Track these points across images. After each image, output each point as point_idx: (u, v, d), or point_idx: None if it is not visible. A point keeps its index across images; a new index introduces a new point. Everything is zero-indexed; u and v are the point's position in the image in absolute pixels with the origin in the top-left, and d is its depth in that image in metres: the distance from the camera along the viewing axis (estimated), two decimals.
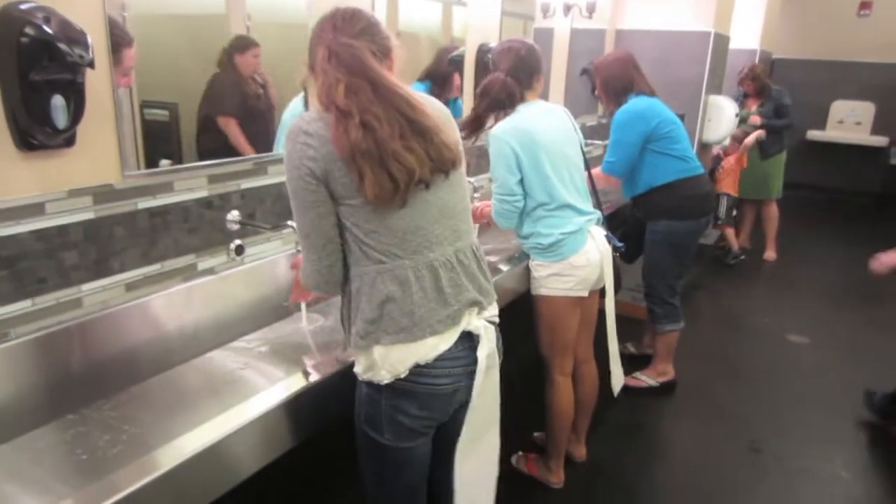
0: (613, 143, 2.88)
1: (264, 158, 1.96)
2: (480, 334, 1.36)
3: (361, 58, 1.22)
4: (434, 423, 1.42)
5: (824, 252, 5.91)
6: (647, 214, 3.01)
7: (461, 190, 1.39)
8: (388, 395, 1.34)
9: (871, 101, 7.67)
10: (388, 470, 1.44)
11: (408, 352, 1.30)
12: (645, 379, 3.18)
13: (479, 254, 1.43)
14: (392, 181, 1.20)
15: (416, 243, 1.29)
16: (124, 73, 1.51)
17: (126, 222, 1.58)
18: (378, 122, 1.19)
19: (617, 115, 2.88)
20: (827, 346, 3.80)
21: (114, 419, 1.34)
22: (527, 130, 2.06)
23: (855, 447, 2.84)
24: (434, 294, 1.31)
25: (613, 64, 2.94)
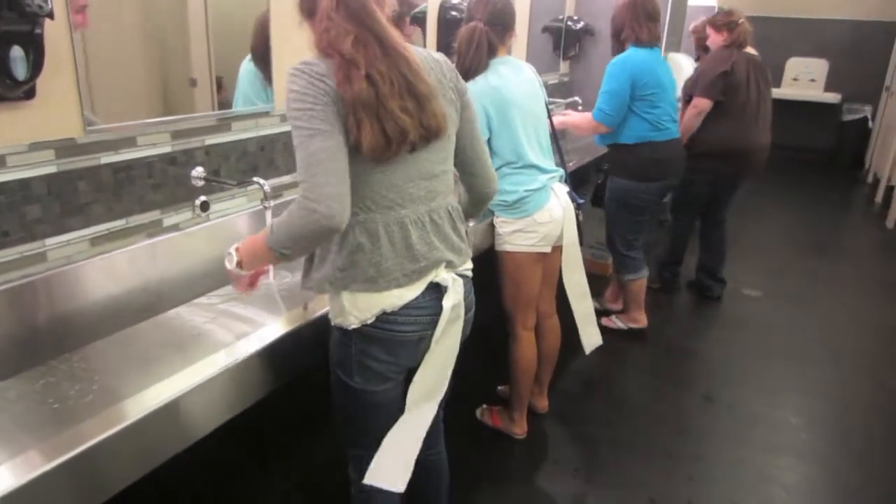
0: (607, 93, 2.88)
1: (228, 115, 1.95)
2: (448, 286, 1.40)
3: (369, 10, 1.23)
4: (402, 369, 1.47)
5: (778, 208, 6.10)
6: (610, 167, 3.11)
7: (443, 153, 1.41)
8: (357, 339, 1.39)
9: (824, 59, 7.84)
10: (358, 412, 1.49)
11: (373, 300, 1.34)
12: (619, 323, 3.36)
13: (455, 215, 1.45)
14: (385, 138, 1.22)
15: (390, 199, 1.32)
16: (78, 9, 1.46)
17: (89, 177, 1.58)
18: (381, 78, 1.21)
19: (610, 64, 2.89)
20: (779, 299, 3.97)
21: (83, 371, 1.35)
22: (498, 89, 2.08)
23: (804, 395, 2.99)
24: (403, 249, 1.34)
25: (617, 9, 2.95)
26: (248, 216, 2.03)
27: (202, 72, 1.90)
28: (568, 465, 2.41)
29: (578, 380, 2.97)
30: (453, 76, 1.43)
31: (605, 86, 2.89)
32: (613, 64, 2.89)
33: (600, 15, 4.54)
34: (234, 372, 1.35)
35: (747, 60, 3.45)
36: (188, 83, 1.89)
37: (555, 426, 2.64)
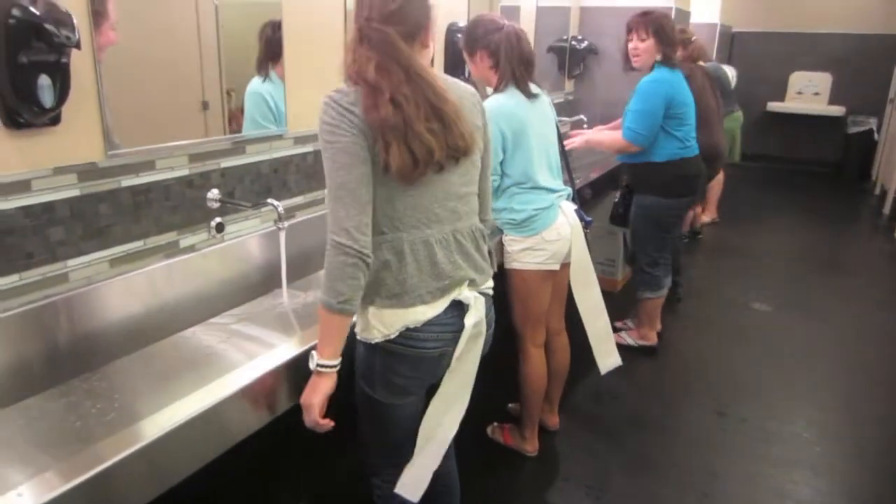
0: (639, 112, 2.88)
1: (243, 138, 2.00)
2: (470, 303, 1.44)
3: (392, 43, 1.28)
4: (424, 384, 1.51)
5: (785, 221, 6.11)
6: (635, 185, 3.11)
7: (468, 175, 1.46)
8: (382, 354, 1.43)
9: (828, 72, 7.88)
10: (380, 424, 1.53)
11: (397, 316, 1.38)
12: (629, 339, 3.35)
13: (478, 235, 1.50)
14: (413, 158, 1.27)
15: (416, 219, 1.37)
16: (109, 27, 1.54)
17: (110, 200, 1.62)
18: (406, 101, 1.26)
19: (643, 84, 2.89)
20: (788, 312, 3.96)
21: (104, 389, 1.38)
22: (514, 112, 2.11)
23: (816, 408, 2.98)
24: (428, 267, 1.38)
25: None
26: (262, 237, 2.06)
27: (214, 95, 1.95)
28: (580, 482, 2.41)
29: (589, 396, 2.97)
30: (479, 107, 1.50)
31: (638, 105, 2.88)
32: (647, 84, 2.88)
33: (603, 34, 4.60)
34: (249, 391, 1.36)
35: (702, 71, 3.60)
36: (201, 106, 1.93)
37: (566, 443, 2.64)
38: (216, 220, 1.93)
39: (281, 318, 1.84)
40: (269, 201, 1.88)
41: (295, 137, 2.19)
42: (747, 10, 7.75)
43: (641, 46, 2.88)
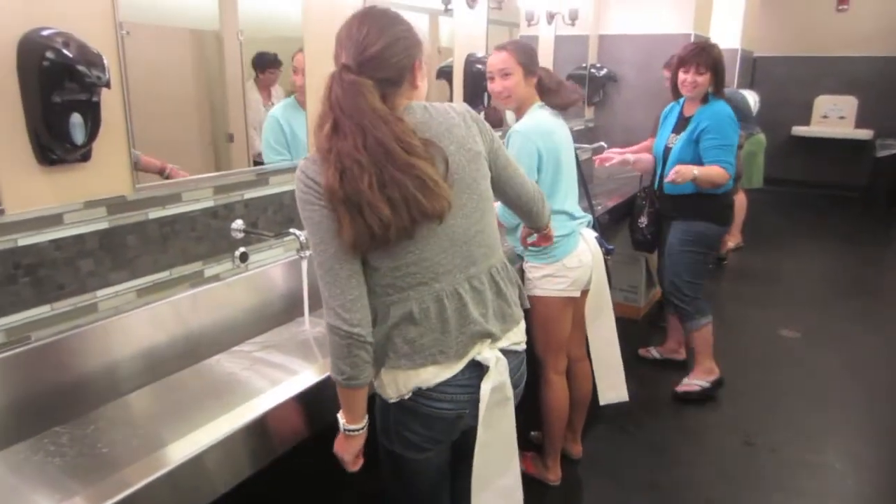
0: (728, 148, 2.86)
1: (266, 170, 2.05)
2: (490, 365, 1.34)
3: (359, 98, 1.18)
4: (440, 442, 1.44)
5: (813, 246, 6.01)
6: (682, 214, 3.03)
7: (476, 213, 1.34)
8: (395, 411, 1.38)
9: (853, 95, 7.80)
10: (402, 476, 1.49)
11: (408, 377, 1.31)
12: (696, 382, 3.18)
13: (498, 276, 1.40)
14: (368, 230, 1.18)
15: (421, 276, 1.28)
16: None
17: (138, 231, 1.67)
18: (359, 170, 1.16)
19: (725, 118, 2.88)
20: (818, 340, 3.88)
21: (130, 416, 1.42)
22: (550, 132, 2.14)
23: (847, 439, 2.90)
24: (438, 325, 1.30)
25: (712, 59, 2.95)
26: (285, 266, 2.09)
27: (239, 127, 2.01)
28: None
29: (612, 424, 2.92)
30: (477, 126, 1.38)
31: (725, 140, 2.85)
32: (730, 118, 2.88)
33: (622, 62, 4.64)
34: (271, 417, 1.39)
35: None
36: (226, 139, 1.99)
37: (589, 472, 2.60)
38: (240, 249, 1.97)
39: (303, 346, 1.87)
40: (291, 231, 1.93)
41: None
42: (769, 34, 7.75)
43: (700, 80, 2.89)
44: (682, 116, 3.03)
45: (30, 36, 1.32)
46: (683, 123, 2.99)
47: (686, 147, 2.92)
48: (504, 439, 1.44)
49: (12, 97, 1.35)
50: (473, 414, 1.37)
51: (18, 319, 1.45)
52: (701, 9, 4.62)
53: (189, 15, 1.79)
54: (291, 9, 2.09)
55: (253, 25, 1.97)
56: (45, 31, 1.32)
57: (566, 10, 4.04)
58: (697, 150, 2.88)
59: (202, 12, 1.83)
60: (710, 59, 2.88)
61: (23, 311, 1.45)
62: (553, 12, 3.99)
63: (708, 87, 2.91)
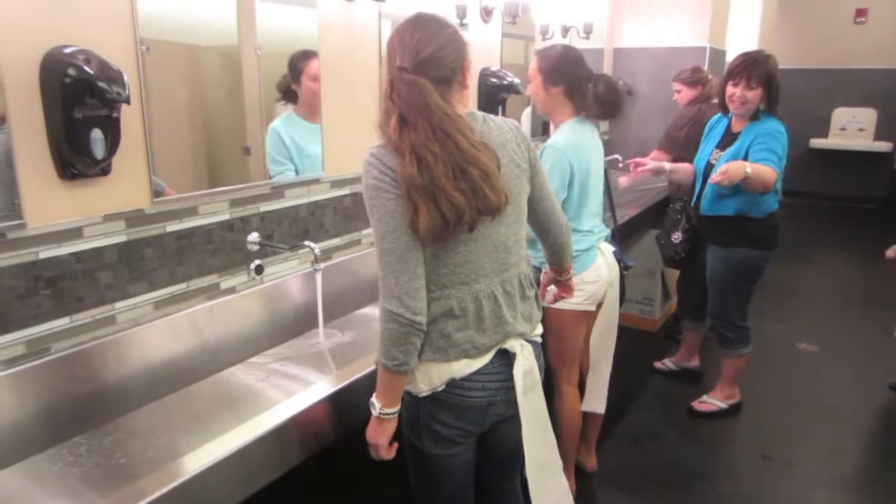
0: (774, 153, 2.59)
1: (282, 183, 2.07)
2: (517, 352, 1.42)
3: (423, 95, 1.24)
4: (471, 434, 1.47)
5: (832, 259, 5.94)
6: (721, 239, 2.85)
7: (516, 224, 1.43)
8: (427, 404, 1.41)
9: (872, 108, 7.73)
10: (429, 474, 1.51)
11: (442, 369, 1.37)
12: (714, 402, 3.13)
13: (525, 282, 1.47)
14: (443, 219, 1.23)
15: (464, 275, 1.35)
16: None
17: (155, 244, 1.69)
18: (434, 159, 1.22)
19: (779, 129, 2.65)
20: (837, 354, 3.83)
21: (147, 428, 1.42)
22: (581, 147, 2.12)
23: (866, 456, 2.87)
24: (475, 323, 1.37)
25: (773, 73, 2.71)
26: (300, 278, 2.11)
27: (255, 140, 2.04)
28: None
29: (628, 437, 2.90)
30: (525, 145, 1.45)
31: (774, 147, 2.59)
32: (780, 132, 2.64)
33: (637, 74, 4.65)
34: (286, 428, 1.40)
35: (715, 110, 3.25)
36: (242, 152, 2.02)
37: (604, 485, 2.58)
38: (255, 262, 1.99)
39: (317, 358, 1.87)
40: (306, 243, 1.94)
41: (331, 181, 2.26)
42: (786, 47, 7.71)
43: (749, 95, 2.64)
44: (730, 132, 2.81)
45: (52, 53, 1.35)
46: (730, 139, 2.77)
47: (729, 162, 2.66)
48: (541, 422, 1.50)
49: (35, 113, 1.38)
50: (504, 399, 1.44)
51: (39, 331, 1.48)
52: (717, 21, 4.61)
53: (208, 31, 1.82)
54: (307, 24, 2.12)
55: (270, 40, 2.00)
56: (67, 49, 1.36)
57: (581, 23, 4.05)
58: None
59: (221, 28, 1.87)
60: (764, 73, 2.62)
61: (43, 322, 1.48)
62: (568, 26, 4.01)
63: (759, 104, 2.67)
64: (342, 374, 1.63)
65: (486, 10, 3.07)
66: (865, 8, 7.63)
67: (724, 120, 2.88)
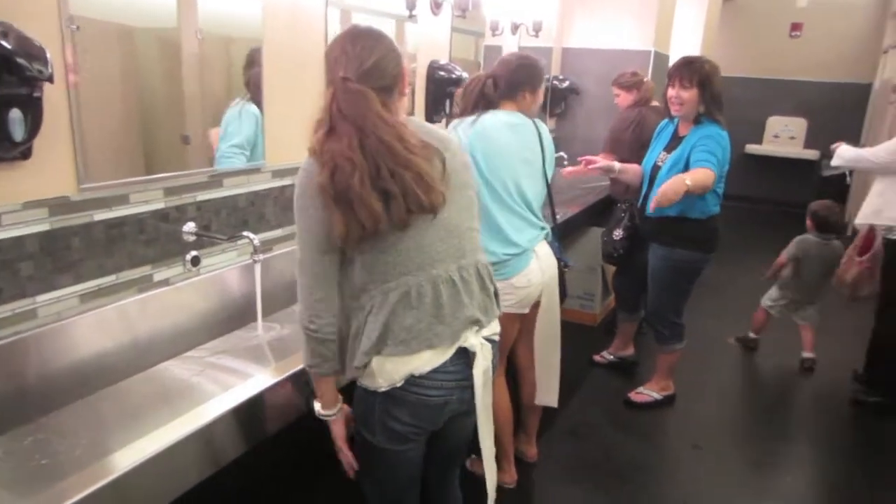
0: (713, 155, 2.62)
1: (220, 171, 2.00)
2: (476, 352, 1.44)
3: (367, 104, 1.29)
4: (424, 431, 1.49)
5: (762, 261, 6.15)
6: (663, 239, 2.90)
7: (469, 211, 1.47)
8: (382, 400, 1.41)
9: (802, 117, 8.10)
10: (379, 468, 1.51)
11: (403, 363, 1.37)
12: (650, 394, 3.22)
13: (483, 272, 1.49)
14: (359, 224, 1.27)
15: (420, 260, 1.37)
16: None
17: (82, 234, 1.60)
18: (351, 168, 1.25)
19: (719, 136, 2.70)
20: (763, 349, 4.00)
21: (73, 427, 1.36)
22: (482, 134, 2.08)
23: (787, 441, 3.01)
24: (433, 310, 1.38)
25: (713, 78, 2.76)
26: (239, 270, 2.05)
27: (195, 129, 1.96)
28: None
29: (567, 428, 2.96)
30: (462, 154, 1.51)
31: (714, 150, 2.64)
32: (721, 137, 2.70)
33: (584, 74, 4.71)
34: (220, 424, 1.36)
35: (656, 111, 3.41)
36: (181, 140, 1.94)
37: (544, 474, 2.63)
38: (192, 253, 1.92)
39: (256, 351, 1.83)
40: (244, 234, 1.89)
41: (273, 171, 2.19)
42: (726, 56, 7.94)
43: (685, 96, 2.70)
44: (676, 136, 2.87)
45: None
46: (676, 143, 2.82)
47: (675, 167, 2.74)
48: (490, 415, 1.56)
49: None
50: (459, 398, 1.46)
51: None
52: (662, 27, 4.72)
53: (145, 12, 1.73)
54: (251, 9, 2.04)
55: (212, 24, 1.92)
56: None
57: (530, 21, 4.08)
58: None
59: (159, 10, 1.78)
60: (698, 74, 2.68)
61: None
62: (517, 23, 4.03)
63: (699, 107, 2.72)
64: (281, 367, 1.59)
65: (436, 2, 3.05)
66: (801, 23, 7.98)
67: (670, 125, 2.95)
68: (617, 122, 3.61)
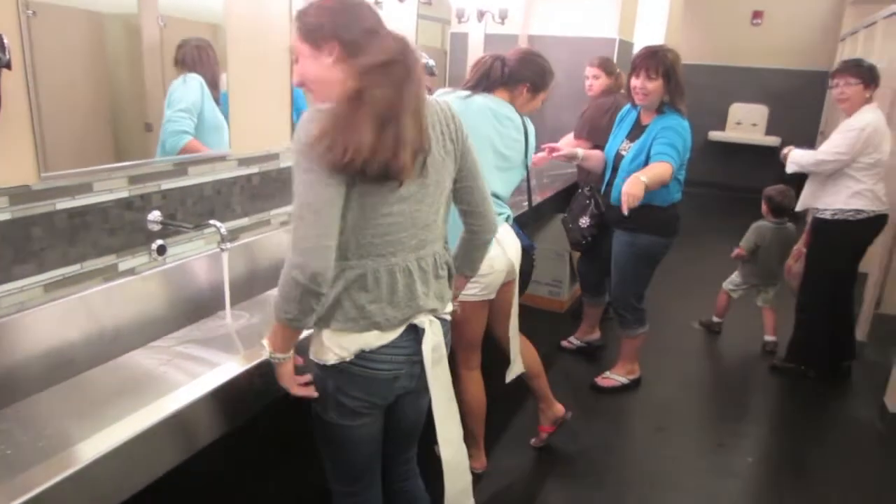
0: (674, 147, 2.69)
1: (185, 159, 1.98)
2: (425, 328, 1.46)
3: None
4: (377, 406, 1.51)
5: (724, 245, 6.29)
6: (628, 225, 2.91)
7: (436, 204, 1.46)
8: (333, 375, 1.43)
9: (764, 105, 8.26)
10: (336, 445, 1.53)
11: (351, 338, 1.39)
12: (616, 378, 3.29)
13: (440, 261, 1.51)
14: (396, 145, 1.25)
15: (383, 248, 1.37)
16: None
17: (44, 223, 1.58)
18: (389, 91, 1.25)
19: (680, 126, 2.74)
20: (727, 331, 4.11)
21: (37, 417, 1.34)
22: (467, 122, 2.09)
23: (753, 424, 3.12)
24: (388, 296, 1.39)
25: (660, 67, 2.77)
26: (206, 259, 2.04)
27: (158, 117, 1.94)
28: (526, 495, 2.45)
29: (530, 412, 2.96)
30: (454, 124, 1.47)
31: (674, 142, 2.69)
32: (682, 127, 2.75)
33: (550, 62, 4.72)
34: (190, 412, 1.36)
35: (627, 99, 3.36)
36: (144, 128, 1.92)
37: (511, 458, 2.67)
38: (157, 242, 1.90)
39: (224, 340, 1.82)
40: (211, 223, 1.88)
41: (238, 159, 2.18)
42: (689, 44, 8.07)
43: (650, 87, 2.73)
44: (639, 124, 2.90)
45: None
46: (639, 132, 2.86)
47: (637, 158, 2.80)
48: (448, 392, 1.56)
49: None
50: (409, 373, 1.48)
51: None
52: (626, 14, 4.77)
53: None
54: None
55: (174, 10, 1.90)
56: None
57: (496, 8, 4.09)
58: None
59: None
60: (663, 65, 2.71)
61: None
62: (483, 10, 4.03)
63: (663, 97, 2.76)
64: (250, 355, 1.59)
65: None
66: (762, 10, 8.12)
67: (633, 112, 2.99)
68: (593, 110, 3.62)
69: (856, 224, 3.17)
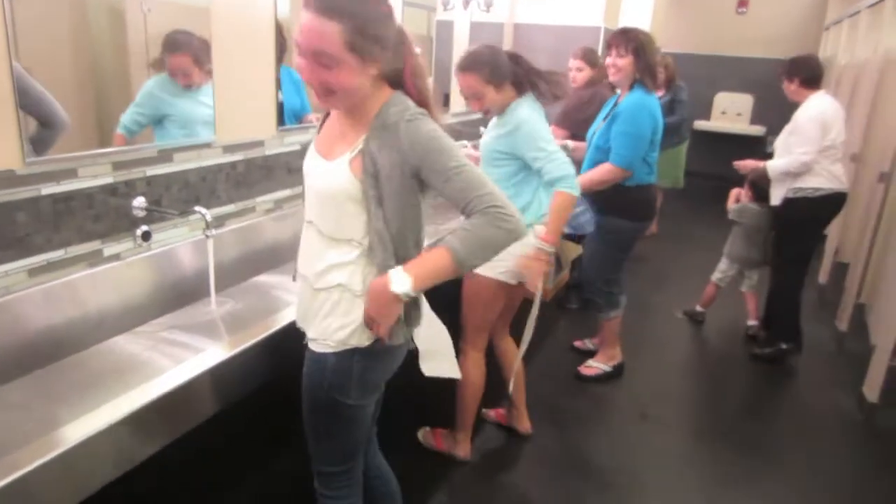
0: (628, 136, 2.75)
1: (170, 146, 1.99)
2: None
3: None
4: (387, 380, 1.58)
5: (708, 235, 6.36)
6: (596, 206, 2.93)
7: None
8: (360, 358, 1.45)
9: (749, 94, 8.31)
10: (344, 427, 1.53)
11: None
12: (598, 366, 3.33)
13: None
14: None
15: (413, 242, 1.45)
16: None
17: (28, 208, 1.58)
18: None
19: (629, 107, 2.79)
20: (710, 320, 4.17)
21: (22, 401, 1.36)
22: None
23: (735, 411, 3.19)
24: None
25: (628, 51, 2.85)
26: (191, 245, 2.04)
27: None
28: (510, 484, 2.48)
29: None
30: None
31: (626, 127, 2.76)
32: (634, 108, 2.78)
33: (536, 50, 4.74)
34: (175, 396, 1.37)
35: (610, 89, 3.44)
36: None
37: (494, 446, 2.71)
38: (142, 228, 1.91)
39: (208, 326, 1.84)
40: (196, 209, 1.89)
41: (224, 146, 2.19)
42: (675, 32, 8.11)
43: (620, 63, 2.82)
44: (616, 104, 2.94)
45: None
46: (612, 111, 2.91)
47: (603, 135, 2.86)
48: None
49: None
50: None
51: None
52: (611, 3, 4.78)
53: None
54: None
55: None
56: None
57: None
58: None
59: None
60: (633, 43, 2.79)
61: None
62: None
63: (635, 74, 2.83)
64: (235, 341, 1.61)
65: None
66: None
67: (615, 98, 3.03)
68: (575, 101, 3.63)
69: (814, 200, 3.36)
